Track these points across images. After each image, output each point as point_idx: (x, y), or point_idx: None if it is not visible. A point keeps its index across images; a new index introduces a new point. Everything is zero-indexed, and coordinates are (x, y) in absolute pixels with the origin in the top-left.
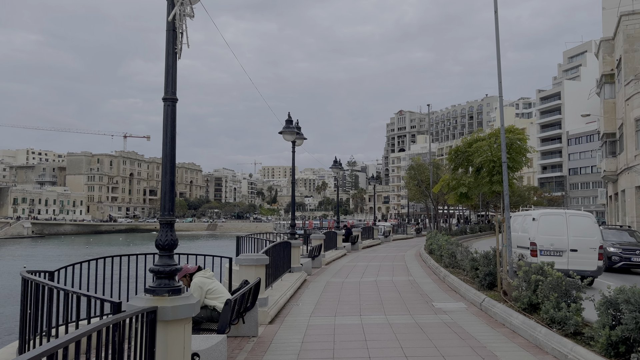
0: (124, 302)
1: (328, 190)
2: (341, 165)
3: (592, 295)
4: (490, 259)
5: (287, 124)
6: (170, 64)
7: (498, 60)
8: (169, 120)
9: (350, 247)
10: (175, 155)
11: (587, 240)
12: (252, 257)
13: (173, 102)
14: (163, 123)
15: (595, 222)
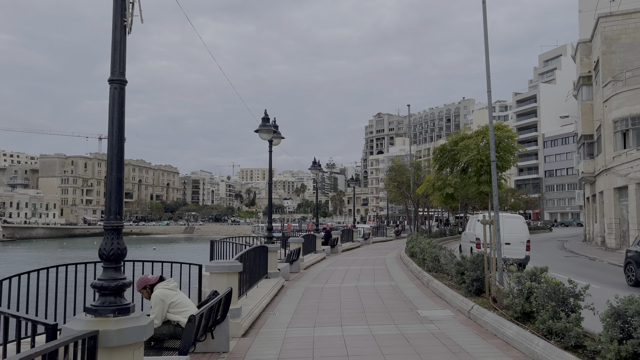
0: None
1: (307, 192)
2: (320, 166)
3: (590, 303)
4: (478, 264)
5: (264, 122)
6: (117, 39)
7: (486, 54)
8: (116, 105)
9: (329, 250)
10: (123, 148)
11: (518, 235)
12: (224, 264)
13: (121, 84)
14: (109, 109)
15: (524, 222)
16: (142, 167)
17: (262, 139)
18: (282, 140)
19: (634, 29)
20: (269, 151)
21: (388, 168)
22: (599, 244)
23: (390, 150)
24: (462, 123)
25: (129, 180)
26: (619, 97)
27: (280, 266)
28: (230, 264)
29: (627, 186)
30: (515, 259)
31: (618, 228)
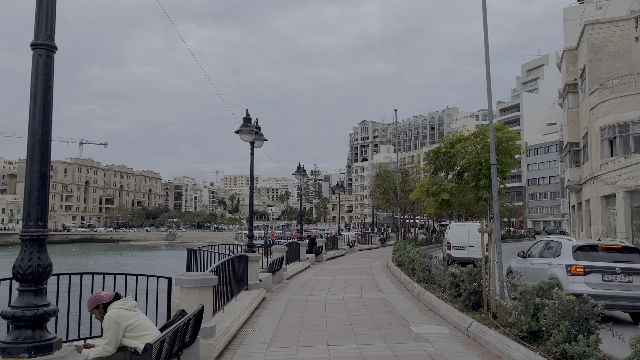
0: None
1: (291, 199)
2: (305, 171)
3: (609, 323)
4: (475, 275)
5: (245, 122)
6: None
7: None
8: (41, 78)
9: (314, 258)
10: (50, 133)
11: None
12: (196, 277)
13: (49, 50)
14: (31, 82)
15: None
16: (124, 173)
17: (243, 140)
18: (266, 146)
19: (620, 37)
20: (251, 154)
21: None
22: None
23: (374, 157)
24: (446, 131)
25: (109, 186)
26: (606, 105)
27: (261, 276)
28: (203, 277)
29: (614, 194)
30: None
31: (605, 236)
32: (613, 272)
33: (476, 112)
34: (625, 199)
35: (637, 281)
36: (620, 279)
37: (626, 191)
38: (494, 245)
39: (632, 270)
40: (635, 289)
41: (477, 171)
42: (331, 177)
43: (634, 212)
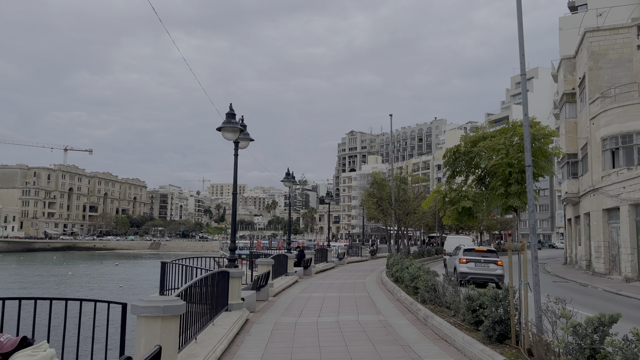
0: None
1: (278, 209)
2: (294, 178)
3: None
4: (500, 300)
5: (229, 118)
6: None
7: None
8: None
9: (302, 272)
10: None
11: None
12: (158, 304)
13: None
14: None
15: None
16: (109, 180)
17: (226, 139)
18: (254, 154)
19: (621, 45)
20: (235, 155)
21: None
22: (584, 267)
23: (363, 168)
24: (434, 143)
25: (94, 194)
26: (608, 114)
27: (244, 294)
28: (166, 304)
29: (618, 207)
30: None
31: (607, 252)
32: (479, 262)
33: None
34: (630, 212)
35: (490, 267)
36: (482, 265)
37: (631, 204)
38: (526, 265)
39: (487, 261)
40: (489, 270)
41: (506, 175)
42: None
43: (639, 226)
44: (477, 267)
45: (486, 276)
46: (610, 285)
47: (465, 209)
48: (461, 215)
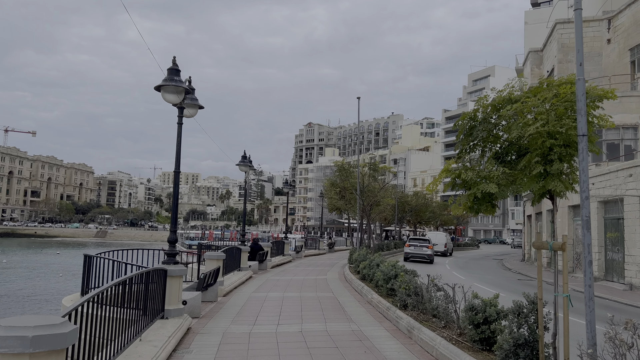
0: None
1: (232, 199)
2: (251, 162)
3: None
4: (525, 316)
5: (171, 74)
6: None
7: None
8: None
9: (257, 266)
10: None
11: (440, 241)
12: (21, 332)
13: None
14: None
15: (445, 235)
16: (53, 165)
17: (167, 101)
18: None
19: (591, 38)
20: (178, 123)
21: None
22: (545, 265)
23: (320, 160)
24: (391, 137)
25: (36, 178)
26: None
27: (187, 296)
28: (40, 332)
29: None
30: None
31: (572, 249)
32: (417, 246)
33: (420, 120)
34: (599, 209)
35: (423, 249)
36: (418, 248)
37: (600, 201)
38: (565, 270)
39: (422, 245)
40: (423, 251)
41: (545, 149)
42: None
43: (607, 224)
44: (415, 249)
45: (421, 255)
46: (577, 284)
47: (486, 194)
48: (479, 203)
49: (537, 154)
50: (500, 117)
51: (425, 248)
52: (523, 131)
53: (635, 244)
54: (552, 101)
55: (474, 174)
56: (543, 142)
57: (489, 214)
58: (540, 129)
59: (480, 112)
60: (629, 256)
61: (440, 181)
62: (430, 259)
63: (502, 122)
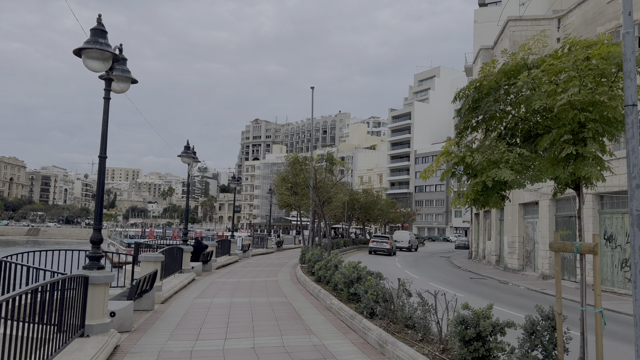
0: None
1: (175, 196)
2: (195, 154)
3: None
4: (540, 334)
5: (95, 36)
6: None
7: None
8: None
9: (200, 267)
10: None
11: (405, 238)
12: None
13: None
14: None
15: (409, 233)
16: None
17: (89, 69)
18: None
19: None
20: (105, 98)
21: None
22: (494, 263)
23: (267, 157)
24: (338, 136)
25: None
26: None
27: (116, 306)
28: None
29: (536, 202)
30: (404, 247)
31: (522, 247)
32: (379, 241)
33: (367, 119)
34: (550, 207)
35: (384, 244)
36: (380, 243)
37: (551, 199)
38: (598, 282)
39: (382, 241)
40: (383, 245)
41: (574, 125)
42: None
43: (559, 221)
44: (378, 244)
45: (382, 248)
46: (530, 283)
47: (498, 183)
48: (487, 194)
49: (565, 130)
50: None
51: (385, 243)
52: (551, 102)
53: (588, 242)
54: (583, 65)
55: (482, 157)
56: (575, 116)
57: (497, 208)
58: (573, 99)
59: (489, 80)
60: None
61: (438, 167)
62: (389, 252)
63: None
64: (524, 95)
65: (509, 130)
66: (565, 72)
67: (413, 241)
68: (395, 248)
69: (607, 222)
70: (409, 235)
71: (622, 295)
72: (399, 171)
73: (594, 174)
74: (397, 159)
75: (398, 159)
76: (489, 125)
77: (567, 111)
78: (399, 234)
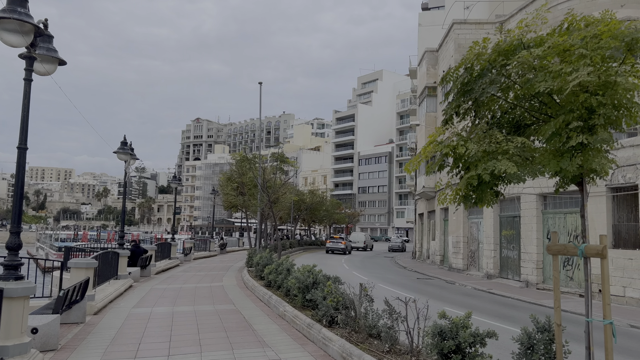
0: None
1: (111, 197)
2: (132, 150)
3: None
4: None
5: (13, 4)
6: None
7: None
8: None
9: (139, 273)
10: None
11: (360, 239)
12: None
13: None
14: None
15: (365, 234)
16: None
17: (6, 43)
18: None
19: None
20: (25, 79)
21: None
22: (438, 262)
23: (209, 157)
24: (282, 136)
25: None
26: None
27: (39, 321)
28: None
29: None
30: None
31: (466, 247)
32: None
33: (311, 120)
34: (495, 208)
35: (339, 244)
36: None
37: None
38: (605, 285)
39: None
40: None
41: (582, 111)
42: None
43: (503, 222)
44: (334, 245)
45: (337, 248)
46: (476, 282)
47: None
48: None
49: (574, 117)
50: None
51: (339, 244)
52: (560, 83)
53: (532, 241)
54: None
55: (478, 147)
56: (585, 100)
57: (488, 206)
58: (585, 79)
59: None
60: (525, 254)
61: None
62: (344, 251)
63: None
64: (523, 78)
65: (495, 120)
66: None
67: (368, 241)
68: (351, 248)
69: (550, 222)
70: (364, 236)
71: (564, 293)
72: (342, 172)
73: (605, 166)
74: (341, 160)
75: (342, 161)
76: (478, 112)
77: (576, 94)
78: (355, 235)
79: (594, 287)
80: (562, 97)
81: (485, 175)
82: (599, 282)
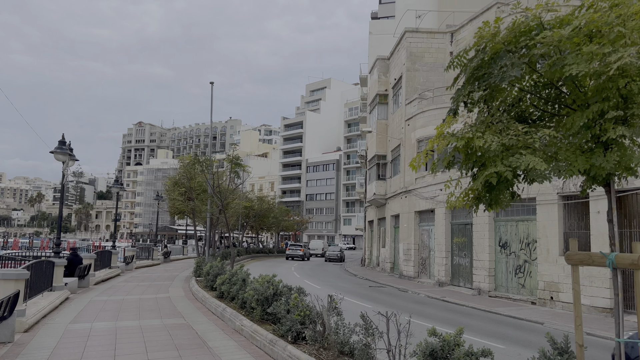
0: None
1: (45, 203)
2: (72, 150)
3: None
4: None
5: None
6: None
7: None
8: None
9: (76, 283)
10: None
11: (319, 246)
12: None
13: None
14: None
15: (322, 242)
16: None
17: None
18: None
19: (436, 49)
20: None
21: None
22: (388, 270)
23: (151, 162)
24: (228, 142)
25: None
26: (426, 116)
27: None
28: None
29: (432, 210)
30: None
31: (417, 255)
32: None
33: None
34: (447, 215)
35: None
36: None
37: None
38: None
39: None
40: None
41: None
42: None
43: (455, 229)
44: (293, 252)
45: (296, 254)
46: (428, 290)
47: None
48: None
49: (610, 106)
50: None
51: (298, 250)
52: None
53: (484, 249)
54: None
55: (499, 139)
56: (625, 86)
57: (503, 208)
58: (626, 61)
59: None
60: (477, 261)
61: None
62: (302, 257)
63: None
64: (550, 60)
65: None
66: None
67: (326, 248)
68: (309, 254)
69: (502, 230)
70: (322, 244)
71: (517, 300)
72: (290, 179)
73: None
74: (289, 167)
75: (290, 168)
76: (489, 102)
77: (613, 80)
78: (314, 243)
79: (545, 295)
80: (595, 83)
81: (507, 173)
82: (551, 289)
